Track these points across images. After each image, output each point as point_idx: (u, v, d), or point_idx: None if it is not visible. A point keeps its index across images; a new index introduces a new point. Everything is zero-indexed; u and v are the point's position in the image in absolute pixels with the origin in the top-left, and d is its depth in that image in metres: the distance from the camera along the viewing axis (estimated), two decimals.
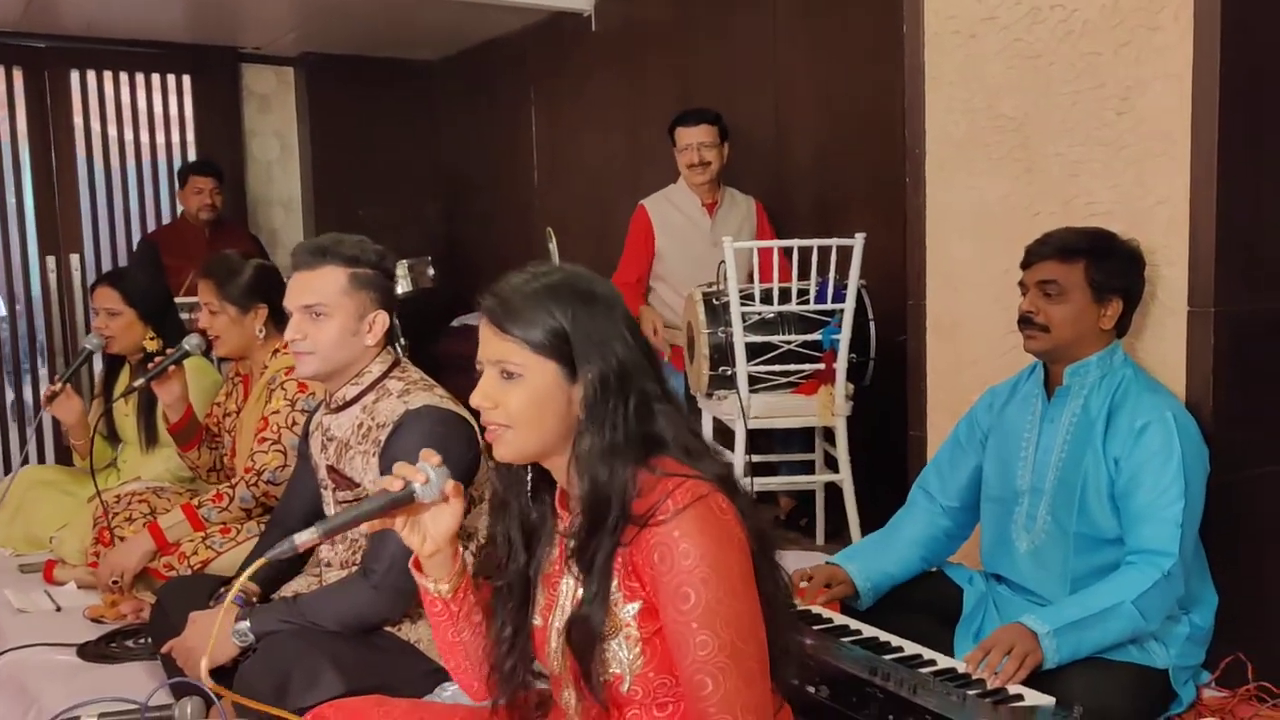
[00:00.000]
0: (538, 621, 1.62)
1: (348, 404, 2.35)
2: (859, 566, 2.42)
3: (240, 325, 3.09)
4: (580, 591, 1.53)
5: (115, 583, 2.91)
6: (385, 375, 2.35)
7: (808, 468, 3.97)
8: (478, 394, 1.52)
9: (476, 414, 2.22)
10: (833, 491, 3.80)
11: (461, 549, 1.63)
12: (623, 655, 1.51)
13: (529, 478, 1.61)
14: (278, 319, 3.11)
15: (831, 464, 3.76)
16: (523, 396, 1.49)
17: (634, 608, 1.50)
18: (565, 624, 1.55)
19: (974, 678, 2.00)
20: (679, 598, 1.43)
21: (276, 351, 3.10)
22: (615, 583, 1.50)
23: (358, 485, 2.32)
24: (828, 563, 2.46)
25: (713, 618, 1.43)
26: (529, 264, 1.56)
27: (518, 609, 1.62)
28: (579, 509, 1.53)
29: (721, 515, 1.46)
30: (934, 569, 2.56)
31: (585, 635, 1.51)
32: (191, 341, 3.08)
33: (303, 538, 1.48)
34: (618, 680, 1.52)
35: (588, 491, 1.49)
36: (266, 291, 3.10)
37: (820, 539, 3.88)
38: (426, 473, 1.52)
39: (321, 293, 2.29)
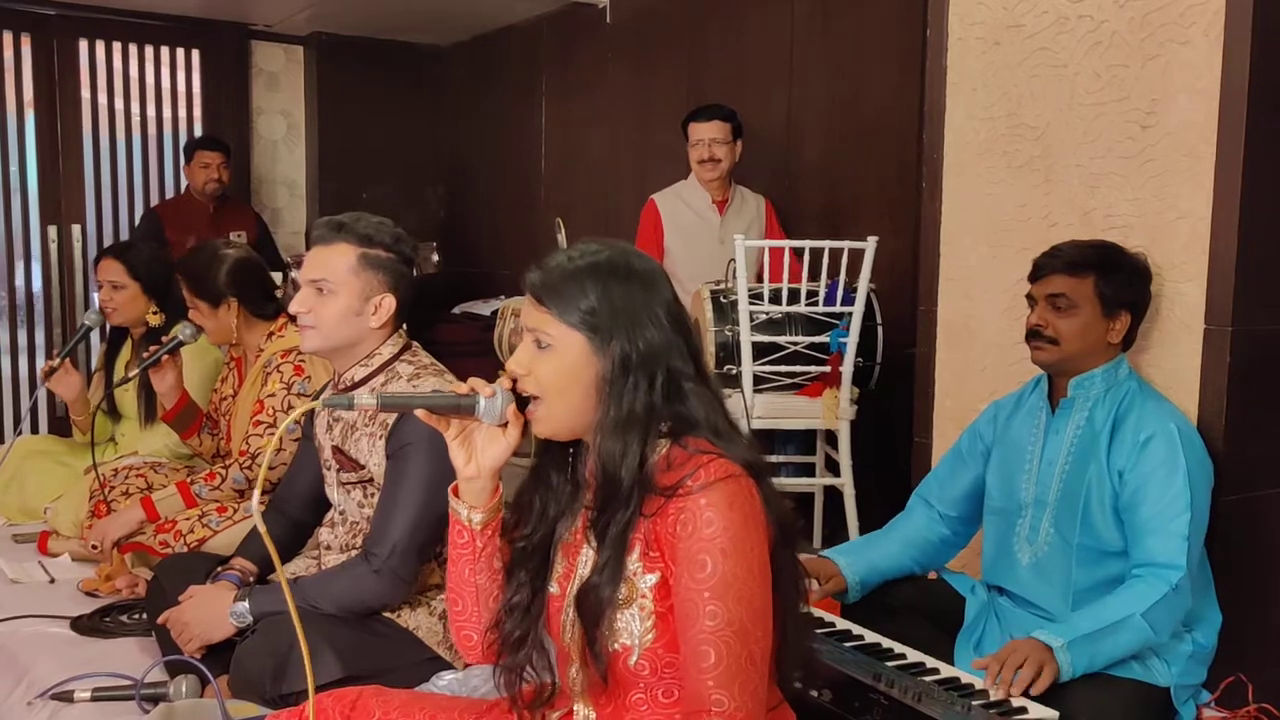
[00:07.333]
0: (554, 590, 1.62)
1: (356, 385, 2.32)
2: (849, 561, 2.42)
3: (215, 319, 3.08)
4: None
5: (94, 546, 2.91)
6: (396, 358, 2.33)
7: (807, 470, 3.95)
8: (513, 359, 1.55)
9: None
10: (831, 495, 3.79)
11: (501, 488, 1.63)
12: (634, 627, 1.52)
13: (569, 454, 1.63)
14: (252, 309, 3.08)
15: (832, 467, 3.74)
16: (552, 366, 1.52)
17: (652, 579, 1.51)
18: (576, 592, 1.56)
19: (993, 689, 1.97)
20: (696, 565, 1.44)
21: (271, 335, 3.08)
22: (635, 553, 1.51)
23: (362, 467, 2.30)
24: (820, 555, 2.45)
25: (726, 591, 1.43)
26: (579, 242, 1.58)
27: (535, 574, 1.63)
28: (595, 480, 1.55)
29: (750, 497, 1.48)
30: (936, 577, 2.55)
31: (594, 604, 1.52)
32: (186, 331, 3.06)
33: (362, 401, 1.50)
34: (626, 652, 1.52)
35: (600, 462, 1.51)
36: (239, 285, 3.07)
37: (817, 542, 3.86)
38: (496, 390, 1.53)
39: (329, 269, 2.27)
